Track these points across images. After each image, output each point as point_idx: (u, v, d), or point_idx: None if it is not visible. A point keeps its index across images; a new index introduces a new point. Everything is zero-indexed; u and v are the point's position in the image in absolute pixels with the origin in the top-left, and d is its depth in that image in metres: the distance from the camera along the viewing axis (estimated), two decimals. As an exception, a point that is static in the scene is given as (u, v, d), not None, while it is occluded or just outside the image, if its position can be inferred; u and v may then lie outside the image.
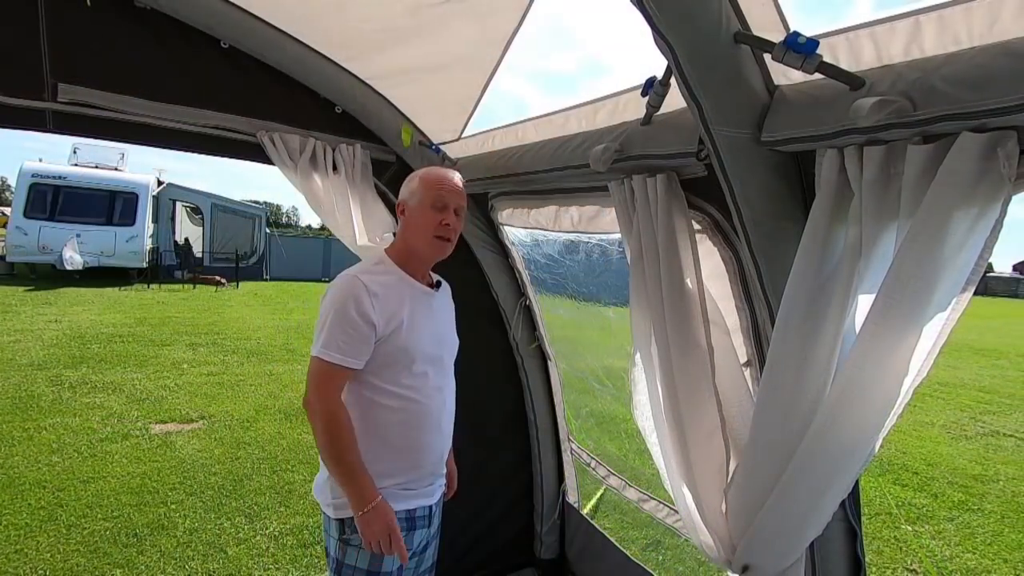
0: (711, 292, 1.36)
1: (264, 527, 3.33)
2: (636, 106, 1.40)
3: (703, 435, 1.30)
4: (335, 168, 2.16)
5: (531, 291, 2.51)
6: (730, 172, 1.10)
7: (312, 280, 18.17)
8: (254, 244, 18.13)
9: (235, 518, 3.42)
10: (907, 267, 0.85)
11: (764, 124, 1.05)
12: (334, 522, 1.50)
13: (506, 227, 2.35)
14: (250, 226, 18.03)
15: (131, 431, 4.70)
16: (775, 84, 1.08)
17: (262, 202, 36.80)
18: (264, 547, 3.11)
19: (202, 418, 5.15)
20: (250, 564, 2.94)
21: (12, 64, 1.68)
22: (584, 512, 2.74)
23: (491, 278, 2.52)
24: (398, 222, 1.62)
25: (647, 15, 0.94)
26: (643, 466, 2.62)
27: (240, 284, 15.54)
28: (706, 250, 1.37)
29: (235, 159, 2.09)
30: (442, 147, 2.25)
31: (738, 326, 1.38)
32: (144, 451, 4.34)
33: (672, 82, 1.16)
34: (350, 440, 1.40)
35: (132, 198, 14.20)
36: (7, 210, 15.12)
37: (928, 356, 0.92)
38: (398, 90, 2.09)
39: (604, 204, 1.73)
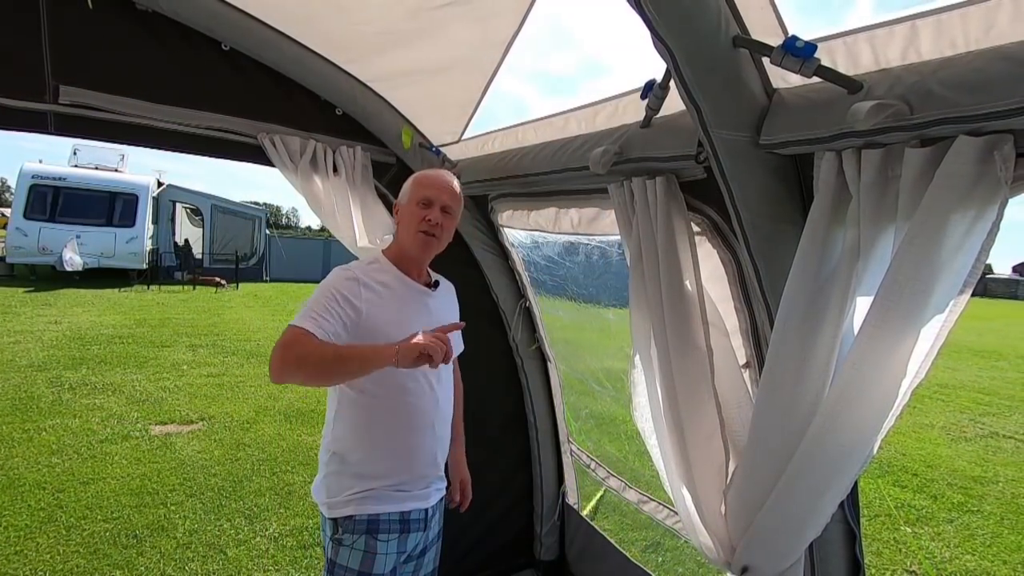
0: (710, 294, 1.36)
1: (264, 528, 3.33)
2: (636, 109, 1.40)
3: (702, 437, 1.31)
4: (335, 170, 2.16)
5: (531, 293, 2.51)
6: (729, 175, 1.11)
7: (312, 281, 18.10)
8: (254, 245, 18.13)
9: (235, 519, 3.42)
10: (905, 269, 0.85)
11: (763, 127, 1.05)
12: (328, 521, 1.51)
13: (506, 229, 2.36)
14: (250, 227, 18.02)
15: (131, 432, 4.70)
16: (773, 87, 1.08)
17: (262, 203, 36.87)
18: (264, 548, 3.11)
19: (202, 419, 5.15)
20: (250, 565, 2.94)
21: (13, 66, 1.69)
22: (584, 513, 2.74)
23: (491, 279, 2.53)
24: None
25: (646, 19, 0.95)
26: (643, 468, 2.62)
27: (240, 285, 15.53)
28: (705, 252, 1.38)
29: (236, 161, 2.09)
30: (442, 149, 2.26)
31: (737, 328, 1.39)
32: (144, 452, 4.34)
33: (671, 85, 1.17)
34: (323, 346, 1.28)
35: (132, 199, 14.21)
36: (7, 211, 15.10)
37: (926, 358, 0.92)
38: (398, 92, 2.10)
39: (604, 206, 1.74)
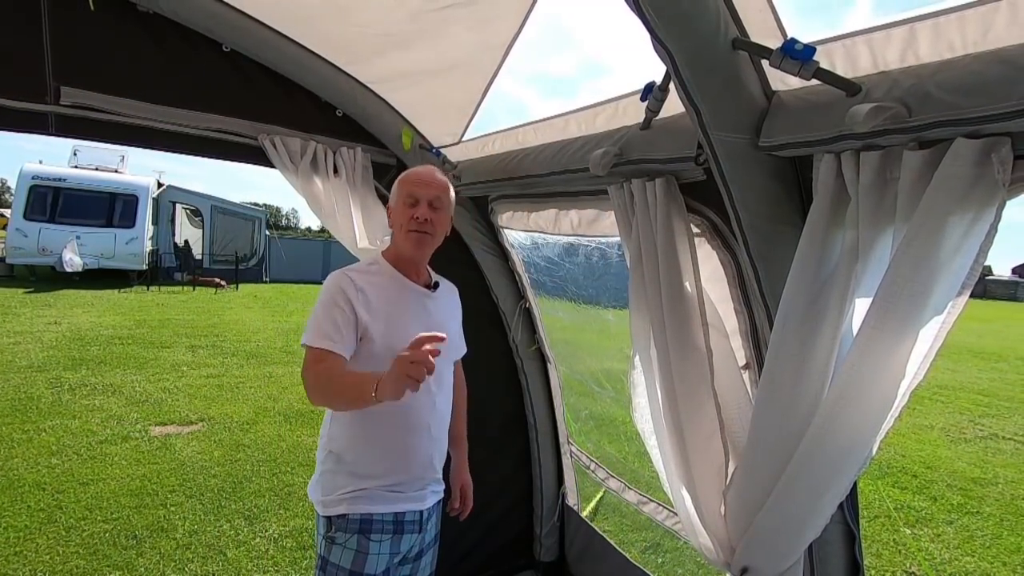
0: (710, 295, 1.36)
1: (264, 529, 3.33)
2: (636, 110, 1.41)
3: (702, 437, 1.31)
4: (336, 171, 2.17)
5: (531, 294, 2.51)
6: (728, 176, 1.11)
7: (312, 282, 18.13)
8: (254, 246, 18.11)
9: (235, 520, 3.42)
10: (903, 271, 0.86)
11: (762, 129, 1.06)
12: (322, 519, 1.52)
13: (506, 230, 2.36)
14: (250, 228, 18.01)
15: (131, 433, 4.70)
16: (773, 90, 1.09)
17: (262, 204, 36.92)
18: (264, 549, 3.11)
19: (202, 420, 5.15)
20: (249, 566, 2.94)
21: (15, 67, 1.69)
22: (584, 514, 2.74)
23: (491, 280, 2.53)
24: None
25: (646, 21, 0.95)
26: (642, 468, 2.62)
27: (240, 286, 15.51)
28: (705, 254, 1.38)
29: (236, 162, 2.10)
30: (442, 150, 2.26)
31: (737, 329, 1.39)
32: (143, 453, 4.33)
33: (671, 87, 1.17)
34: (342, 376, 1.34)
35: (132, 200, 14.19)
36: (7, 212, 15.09)
37: (925, 359, 0.93)
38: (399, 94, 2.10)
39: (603, 208, 1.74)
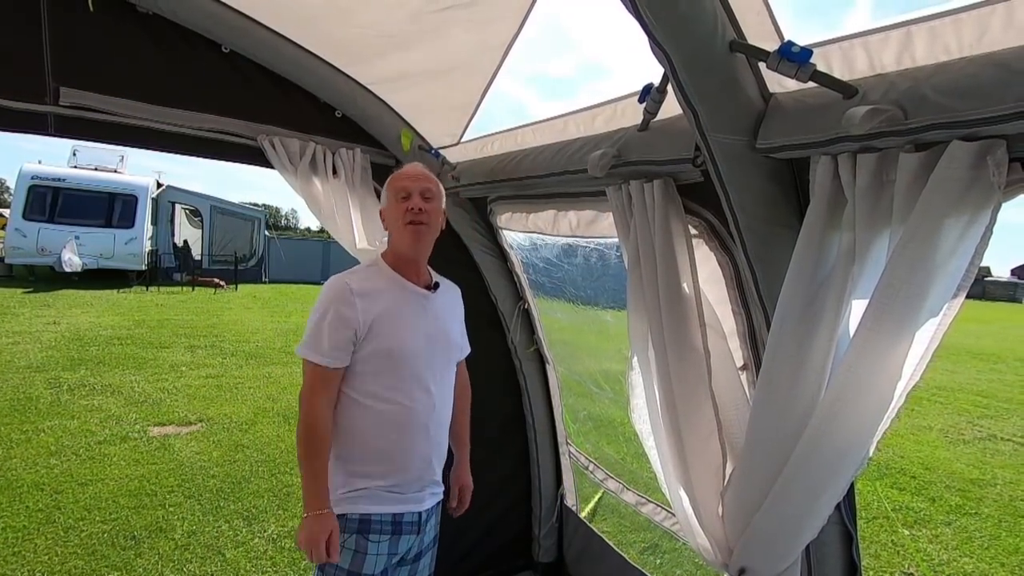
0: (707, 296, 1.37)
1: (262, 530, 3.33)
2: (634, 112, 1.41)
3: (700, 438, 1.31)
4: (335, 172, 2.17)
5: (530, 295, 2.52)
6: (726, 178, 1.11)
7: (311, 283, 18.13)
8: (253, 246, 18.10)
9: (233, 521, 3.42)
10: (899, 273, 0.86)
11: (759, 131, 1.06)
12: None
13: (505, 231, 2.36)
14: (249, 228, 18.00)
15: (129, 433, 4.70)
16: (770, 92, 1.09)
17: (261, 204, 36.81)
18: (262, 550, 3.11)
19: (200, 420, 5.14)
20: (248, 567, 2.94)
21: (14, 68, 1.69)
22: (582, 515, 2.74)
23: (490, 281, 2.53)
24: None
25: (644, 24, 0.96)
26: (641, 469, 2.62)
27: (239, 286, 15.51)
28: (702, 255, 1.38)
29: (235, 163, 2.10)
30: (441, 151, 2.26)
31: (734, 330, 1.39)
32: (142, 453, 4.33)
33: (669, 89, 1.18)
34: (321, 448, 1.44)
35: (131, 200, 14.18)
36: (6, 212, 15.07)
37: (921, 361, 0.93)
38: (398, 95, 2.11)
39: (602, 209, 1.74)
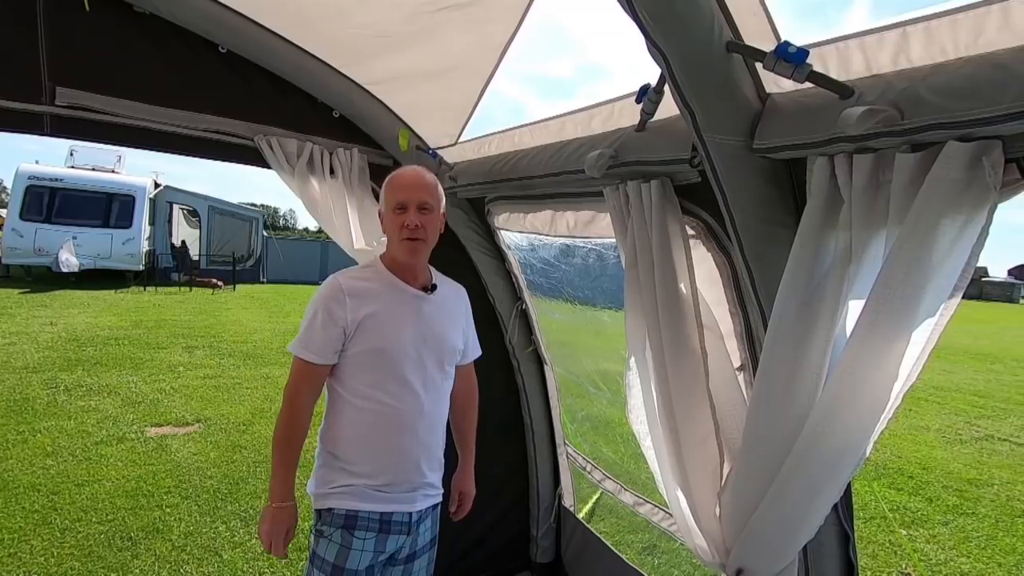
0: (705, 297, 1.37)
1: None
2: (631, 112, 1.41)
3: (697, 439, 1.31)
4: (332, 172, 2.17)
5: (527, 295, 2.52)
6: (723, 179, 1.11)
7: (309, 283, 18.08)
8: (251, 247, 18.08)
9: (231, 522, 3.41)
10: (896, 273, 0.86)
11: (756, 132, 1.06)
12: (315, 512, 1.55)
13: (503, 231, 2.36)
14: (247, 229, 17.97)
15: (126, 434, 4.68)
16: (767, 92, 1.09)
17: (259, 205, 36.81)
18: (260, 551, 3.10)
19: (198, 421, 5.13)
20: (245, 568, 2.93)
21: (10, 68, 1.69)
22: (580, 516, 2.74)
23: (487, 282, 2.53)
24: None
25: (641, 24, 0.96)
26: (638, 470, 2.62)
27: (237, 287, 15.48)
28: (700, 255, 1.38)
29: (233, 163, 2.10)
30: (439, 152, 2.26)
31: (731, 330, 1.39)
32: (139, 454, 4.32)
33: (666, 90, 1.18)
34: (296, 440, 1.49)
35: (129, 200, 14.15)
36: (3, 212, 15.03)
37: (917, 361, 0.93)
38: (395, 95, 2.10)
39: (599, 209, 1.74)
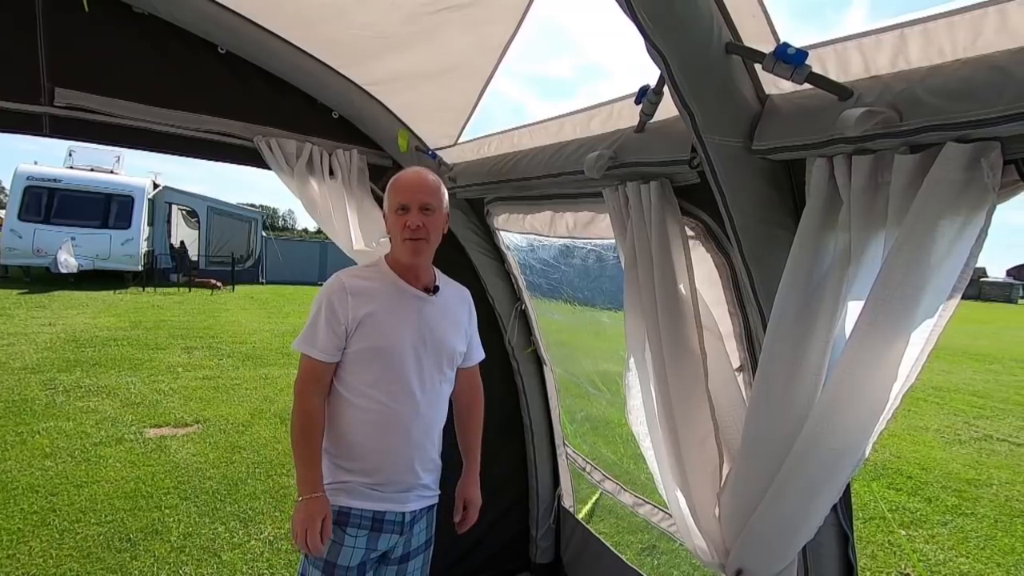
0: (704, 298, 1.37)
1: (259, 532, 3.32)
2: (631, 114, 1.41)
3: (696, 439, 1.31)
4: (332, 173, 2.17)
5: (527, 296, 2.52)
6: (722, 180, 1.12)
7: (308, 284, 18.11)
8: (250, 247, 18.07)
9: (230, 523, 3.41)
10: (895, 274, 0.86)
11: (755, 133, 1.06)
12: None
13: (502, 232, 2.36)
14: (246, 229, 17.96)
15: (125, 435, 4.68)
16: (766, 94, 1.10)
17: (258, 205, 36.76)
18: (259, 552, 3.10)
19: (197, 422, 5.13)
20: (245, 569, 2.93)
21: (9, 68, 1.69)
22: (579, 517, 2.74)
23: (487, 282, 2.53)
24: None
25: (640, 26, 0.96)
26: (638, 471, 2.62)
27: (236, 287, 15.47)
28: (699, 256, 1.39)
29: (232, 164, 2.10)
30: (439, 152, 2.26)
31: (731, 331, 1.40)
32: (138, 455, 4.31)
33: (665, 91, 1.18)
34: (313, 436, 1.48)
35: (128, 201, 14.14)
36: (1, 213, 15.01)
37: (916, 362, 0.93)
38: (395, 96, 2.11)
39: (599, 210, 1.75)
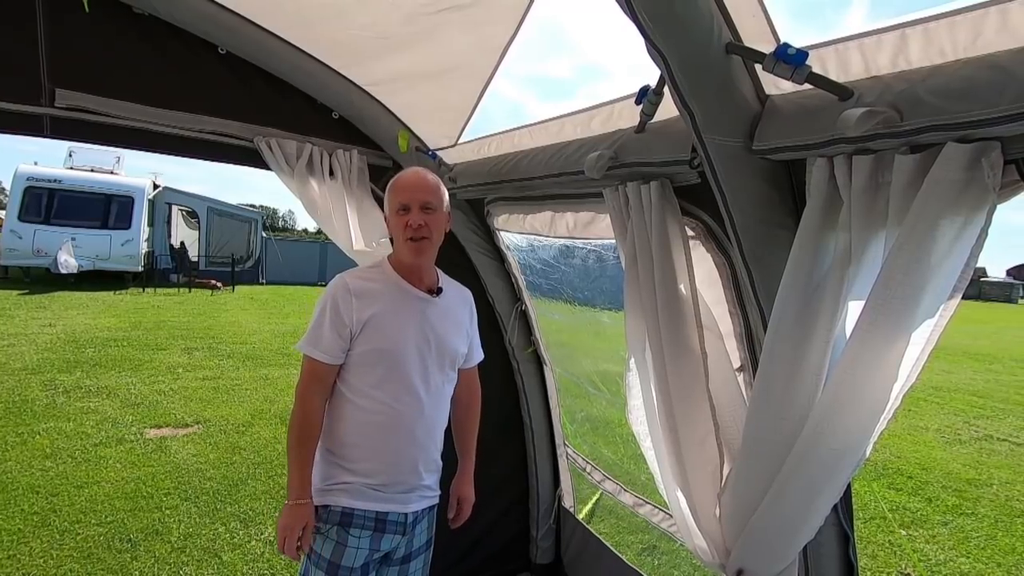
0: (704, 297, 1.37)
1: (259, 532, 3.32)
2: (631, 114, 1.41)
3: (697, 439, 1.31)
4: (332, 173, 2.17)
5: (527, 296, 2.52)
6: (722, 180, 1.12)
7: (308, 284, 18.11)
8: (250, 248, 18.06)
9: (230, 523, 3.40)
10: (895, 274, 0.86)
11: (755, 133, 1.06)
12: (314, 507, 1.54)
13: (502, 232, 2.36)
14: (246, 230, 17.96)
15: (125, 436, 4.68)
16: (766, 94, 1.10)
17: (258, 206, 36.74)
18: (259, 552, 3.10)
19: (197, 423, 5.13)
20: (245, 570, 2.93)
21: (10, 69, 1.69)
22: (580, 517, 2.74)
23: (487, 283, 2.53)
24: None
25: (640, 26, 0.96)
26: (638, 471, 2.62)
27: (236, 288, 15.46)
28: (699, 256, 1.39)
29: (232, 164, 2.10)
30: (439, 153, 2.26)
31: (731, 331, 1.40)
32: (138, 456, 4.31)
33: (665, 91, 1.18)
34: (309, 438, 1.50)
35: (128, 202, 14.14)
36: (1, 213, 15.02)
37: (917, 362, 0.93)
38: (395, 96, 2.11)
39: (599, 210, 1.75)
